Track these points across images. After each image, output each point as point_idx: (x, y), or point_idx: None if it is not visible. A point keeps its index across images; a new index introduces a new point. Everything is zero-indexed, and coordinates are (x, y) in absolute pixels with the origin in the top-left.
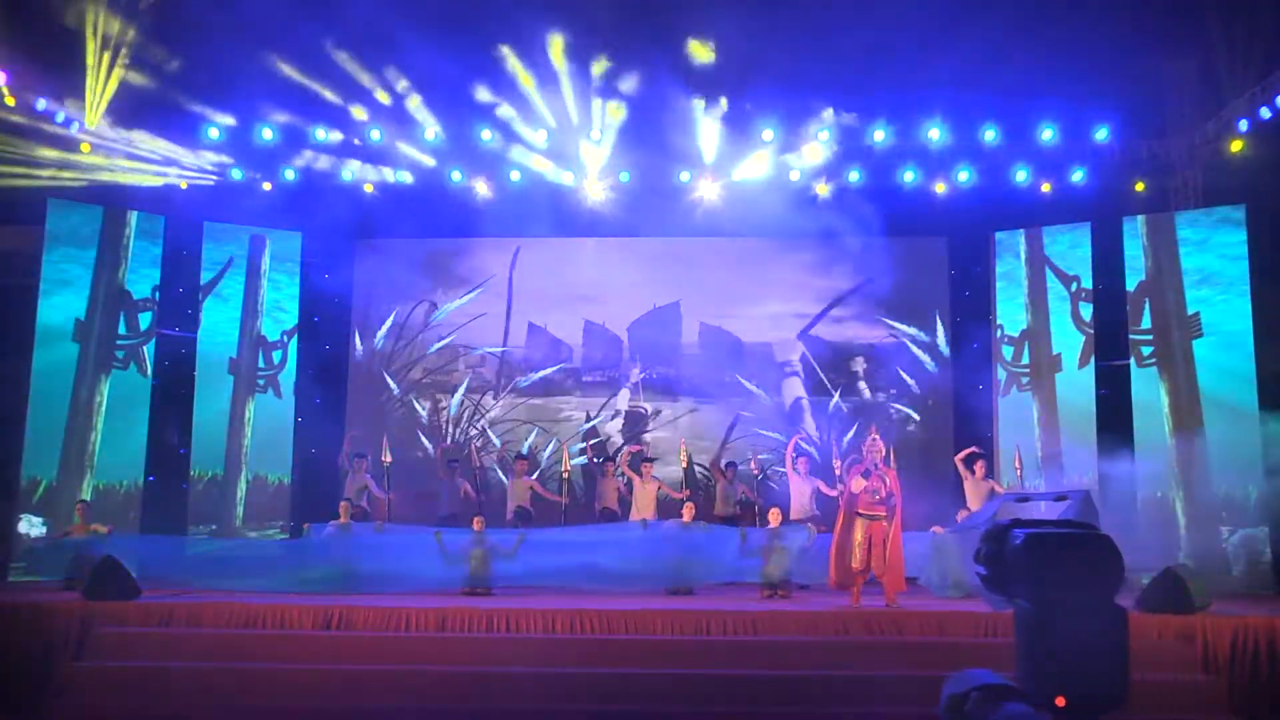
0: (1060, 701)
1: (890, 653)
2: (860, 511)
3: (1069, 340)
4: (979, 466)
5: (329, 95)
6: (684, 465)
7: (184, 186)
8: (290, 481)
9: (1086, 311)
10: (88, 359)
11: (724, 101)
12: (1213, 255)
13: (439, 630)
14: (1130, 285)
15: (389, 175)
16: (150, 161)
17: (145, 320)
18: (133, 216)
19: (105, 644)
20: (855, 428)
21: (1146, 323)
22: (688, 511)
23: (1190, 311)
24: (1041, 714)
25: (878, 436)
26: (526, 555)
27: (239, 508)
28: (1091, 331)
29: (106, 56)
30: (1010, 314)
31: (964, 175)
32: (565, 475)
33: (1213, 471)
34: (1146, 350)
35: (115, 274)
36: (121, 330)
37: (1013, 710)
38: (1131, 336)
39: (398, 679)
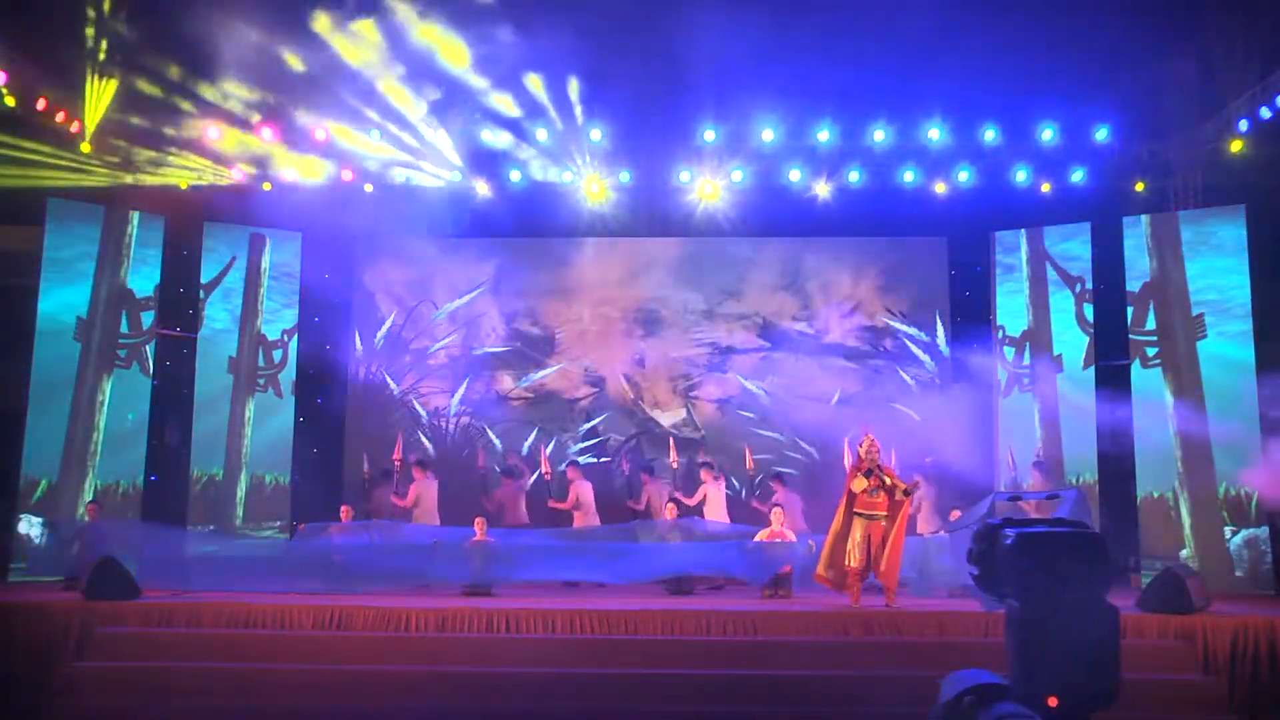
0: (1052, 701)
1: (890, 653)
2: (859, 511)
3: (1071, 341)
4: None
5: (328, 95)
6: (750, 469)
7: (184, 186)
8: (290, 481)
9: (1091, 313)
10: (89, 357)
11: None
12: (1212, 255)
13: (439, 630)
14: (1133, 286)
15: (389, 175)
16: (150, 161)
17: (148, 319)
18: (134, 216)
19: (105, 644)
20: (855, 428)
21: (1152, 323)
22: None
23: (1194, 313)
24: (1034, 713)
25: (872, 437)
26: (526, 561)
27: (239, 508)
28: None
29: (106, 56)
30: (1011, 314)
31: (964, 175)
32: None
33: (1216, 472)
34: (1151, 351)
35: (117, 272)
36: (124, 329)
37: (1004, 710)
38: (1137, 338)
39: (398, 679)
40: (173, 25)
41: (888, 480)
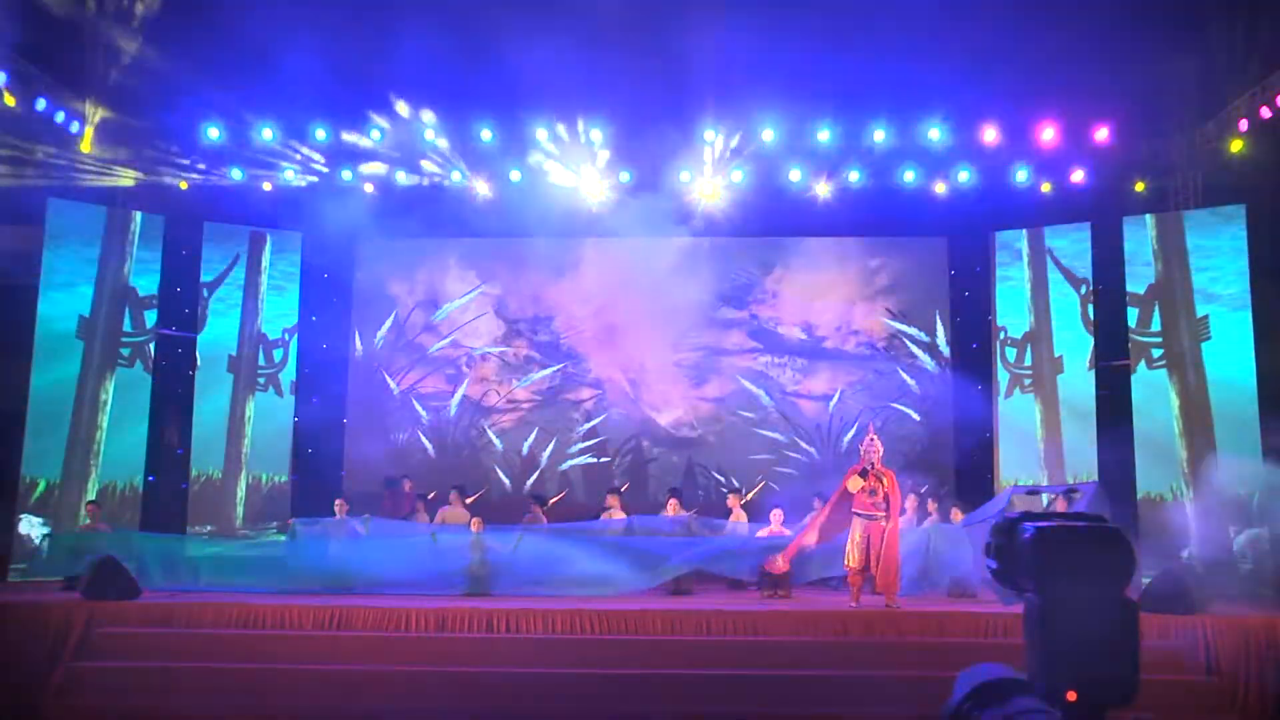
0: (1071, 696)
1: (890, 653)
2: (858, 511)
3: (1073, 342)
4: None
5: (329, 95)
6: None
7: (184, 186)
8: (289, 481)
9: (1093, 313)
10: (92, 356)
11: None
12: (1212, 256)
13: (439, 630)
14: (1134, 286)
15: (389, 175)
16: (150, 161)
17: (151, 318)
18: (135, 215)
19: (105, 644)
20: (855, 427)
21: (1157, 324)
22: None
23: (1199, 314)
24: (1051, 709)
25: (875, 436)
26: (525, 554)
27: (238, 508)
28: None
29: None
30: (1012, 315)
31: (964, 175)
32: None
33: (1220, 472)
34: (1157, 352)
35: (120, 271)
36: (127, 327)
37: (1022, 705)
38: (1142, 339)
39: (398, 679)
40: (174, 25)
41: (885, 482)
